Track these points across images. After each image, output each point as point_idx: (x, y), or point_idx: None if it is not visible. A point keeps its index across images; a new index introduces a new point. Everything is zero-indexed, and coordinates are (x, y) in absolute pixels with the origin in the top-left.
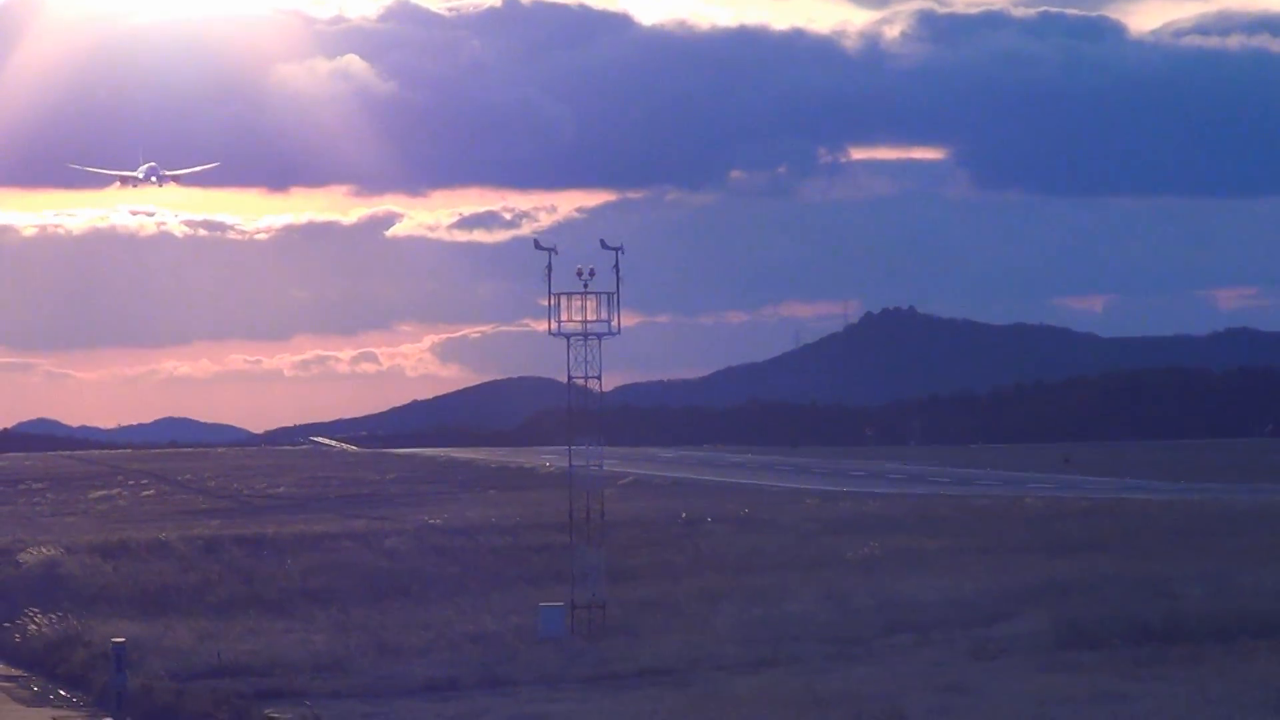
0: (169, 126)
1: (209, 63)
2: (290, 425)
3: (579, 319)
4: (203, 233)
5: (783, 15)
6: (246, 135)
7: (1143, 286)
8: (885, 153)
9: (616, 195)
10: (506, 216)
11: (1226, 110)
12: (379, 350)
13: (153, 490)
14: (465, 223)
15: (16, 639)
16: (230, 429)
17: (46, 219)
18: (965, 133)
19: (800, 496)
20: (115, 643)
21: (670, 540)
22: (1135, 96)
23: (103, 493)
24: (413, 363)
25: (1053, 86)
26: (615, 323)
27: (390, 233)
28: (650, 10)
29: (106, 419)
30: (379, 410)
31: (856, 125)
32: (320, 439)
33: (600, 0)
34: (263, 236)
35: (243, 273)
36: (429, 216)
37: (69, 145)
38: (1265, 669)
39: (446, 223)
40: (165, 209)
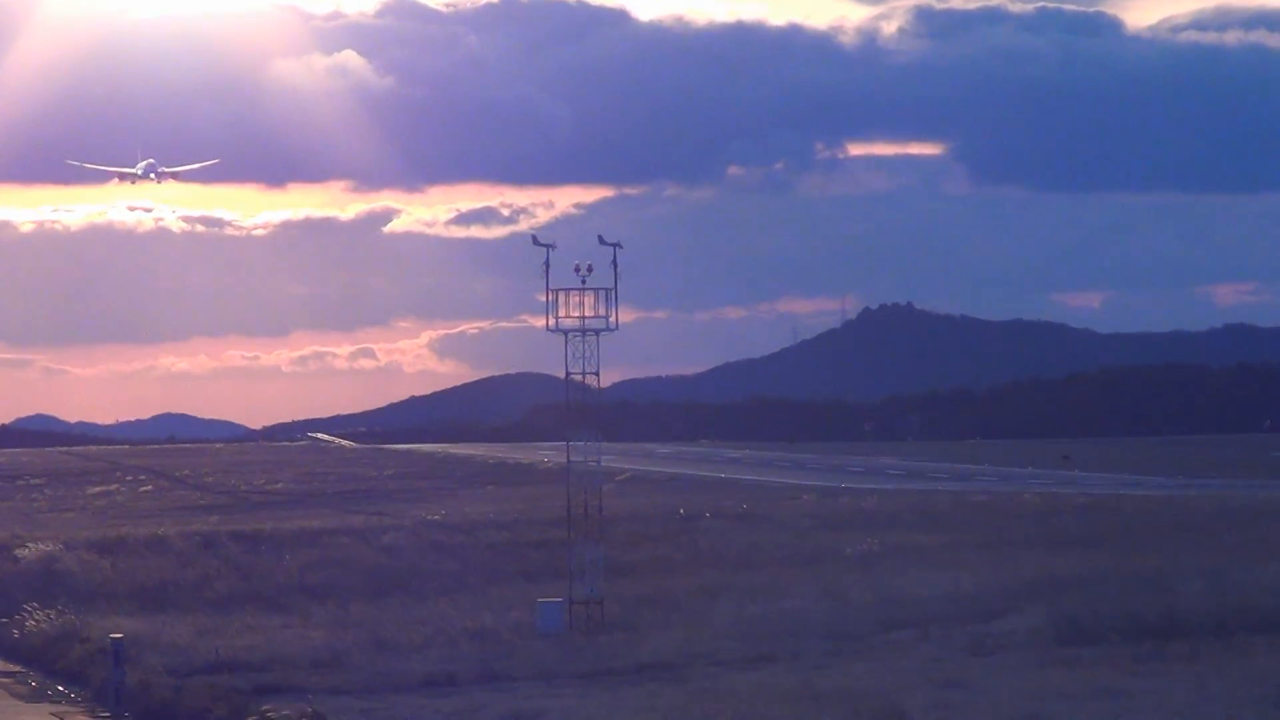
0: (166, 122)
1: (206, 59)
2: (288, 421)
3: (577, 315)
4: (200, 229)
5: (780, 11)
6: (244, 131)
7: (1141, 282)
8: (883, 148)
9: (614, 191)
10: (504, 212)
11: (1224, 106)
12: (377, 346)
13: (151, 486)
14: (463, 219)
15: (15, 634)
16: (228, 425)
17: (44, 215)
18: (963, 128)
19: (798, 492)
20: (113, 638)
21: (668, 536)
22: (1133, 92)
23: (101, 489)
24: (410, 358)
25: (1050, 82)
26: (613, 319)
27: (388, 229)
28: (647, 6)
29: (104, 415)
30: (377, 406)
31: (854, 121)
32: (318, 435)
33: None
34: (260, 232)
35: (240, 269)
36: (427, 212)
37: (66, 141)
38: (1264, 665)
39: (444, 219)
40: (163, 205)
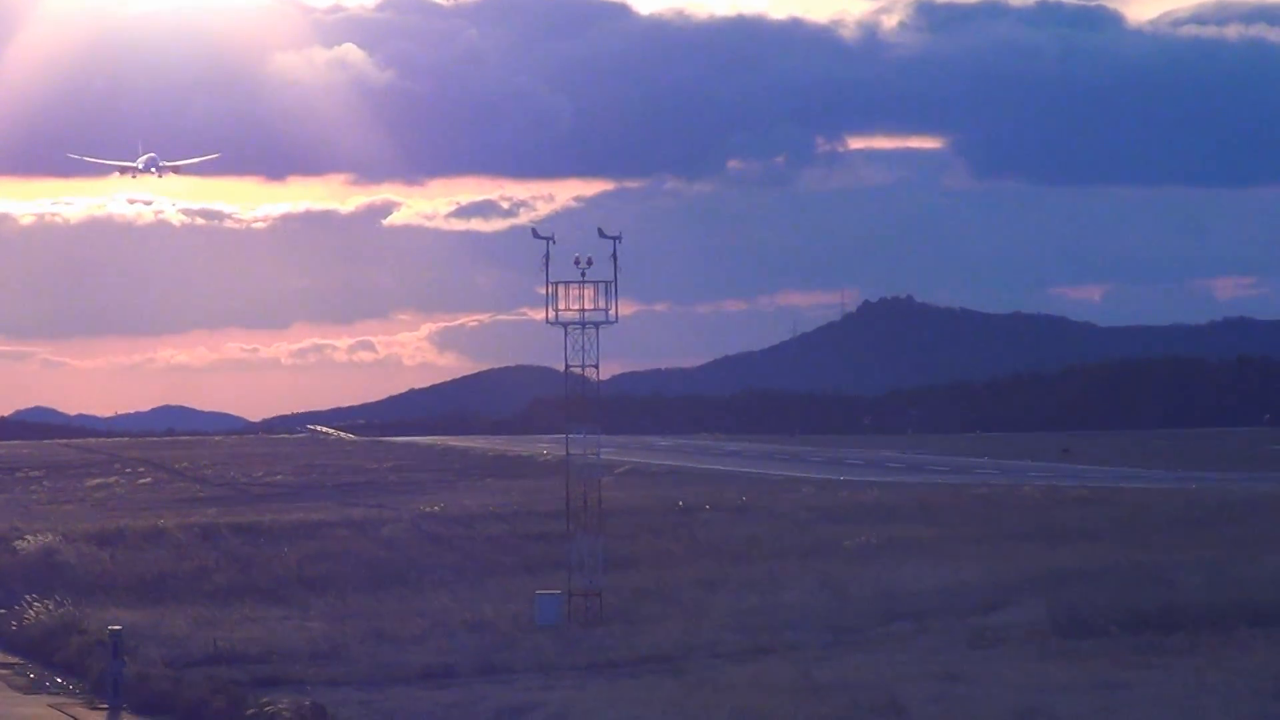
0: (167, 115)
1: (207, 52)
2: (288, 414)
3: (576, 308)
4: (200, 221)
5: (781, 4)
6: (244, 124)
7: (1140, 276)
8: (883, 142)
9: (614, 184)
10: (504, 205)
11: (1224, 100)
12: (376, 339)
13: (150, 478)
14: (463, 212)
15: (13, 626)
16: (227, 417)
17: (44, 207)
18: (963, 122)
19: (797, 485)
20: (112, 630)
21: (667, 528)
22: (1133, 86)
23: (100, 481)
24: (410, 351)
25: (1051, 76)
26: (613, 311)
27: (388, 221)
28: None
29: (103, 407)
30: (376, 399)
31: (854, 115)
32: (318, 427)
33: None
34: (260, 225)
35: (240, 261)
36: (427, 205)
37: (67, 134)
38: (1262, 658)
39: (444, 212)
40: (163, 198)
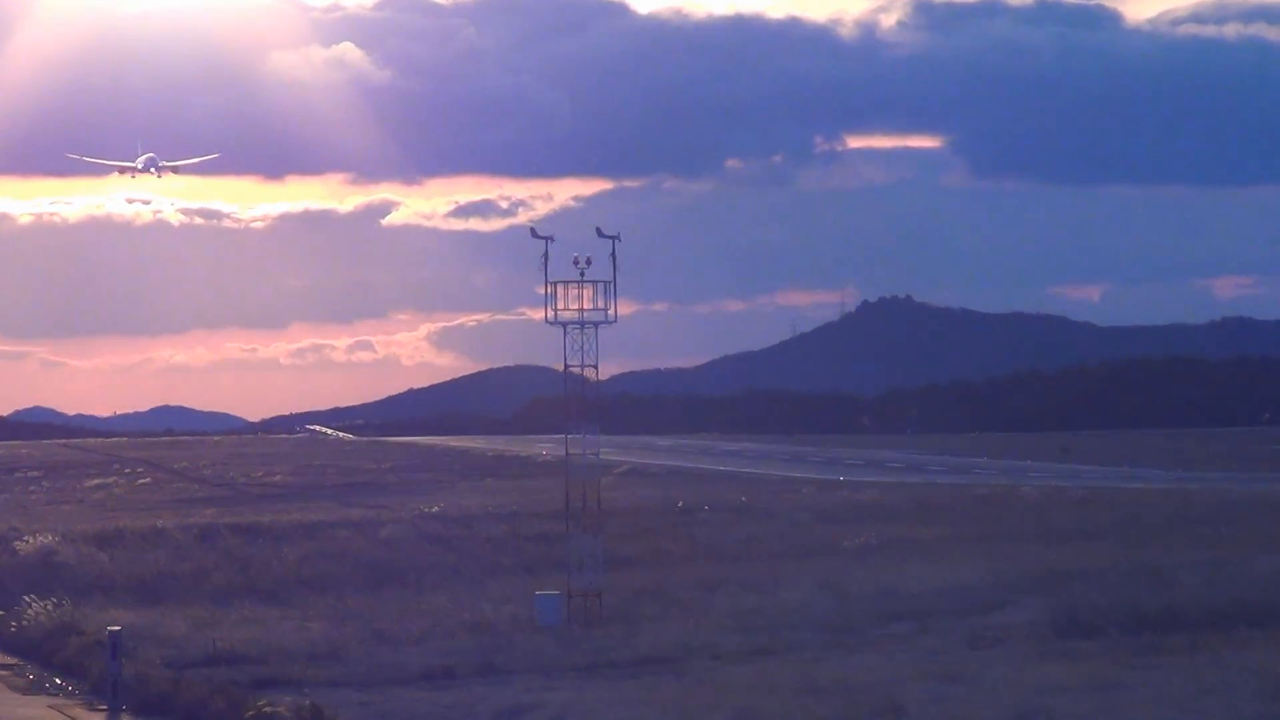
0: (165, 114)
1: (205, 51)
2: (286, 413)
3: (575, 307)
4: (199, 221)
5: (779, 3)
6: (243, 123)
7: (1140, 275)
8: (882, 141)
9: (613, 184)
10: (503, 205)
11: (1223, 99)
12: (375, 339)
13: (149, 478)
14: (461, 211)
15: (12, 627)
16: (226, 417)
17: (43, 207)
18: (962, 121)
19: (797, 485)
20: (111, 631)
21: (667, 529)
22: (1132, 85)
23: (98, 481)
24: (409, 351)
25: (1049, 75)
26: (612, 311)
27: (386, 221)
28: None
29: (102, 407)
30: (375, 399)
31: (853, 113)
32: (316, 427)
33: None
34: (259, 225)
35: (239, 261)
36: (425, 205)
37: (65, 133)
38: (1261, 658)
39: (443, 211)
40: (161, 197)
